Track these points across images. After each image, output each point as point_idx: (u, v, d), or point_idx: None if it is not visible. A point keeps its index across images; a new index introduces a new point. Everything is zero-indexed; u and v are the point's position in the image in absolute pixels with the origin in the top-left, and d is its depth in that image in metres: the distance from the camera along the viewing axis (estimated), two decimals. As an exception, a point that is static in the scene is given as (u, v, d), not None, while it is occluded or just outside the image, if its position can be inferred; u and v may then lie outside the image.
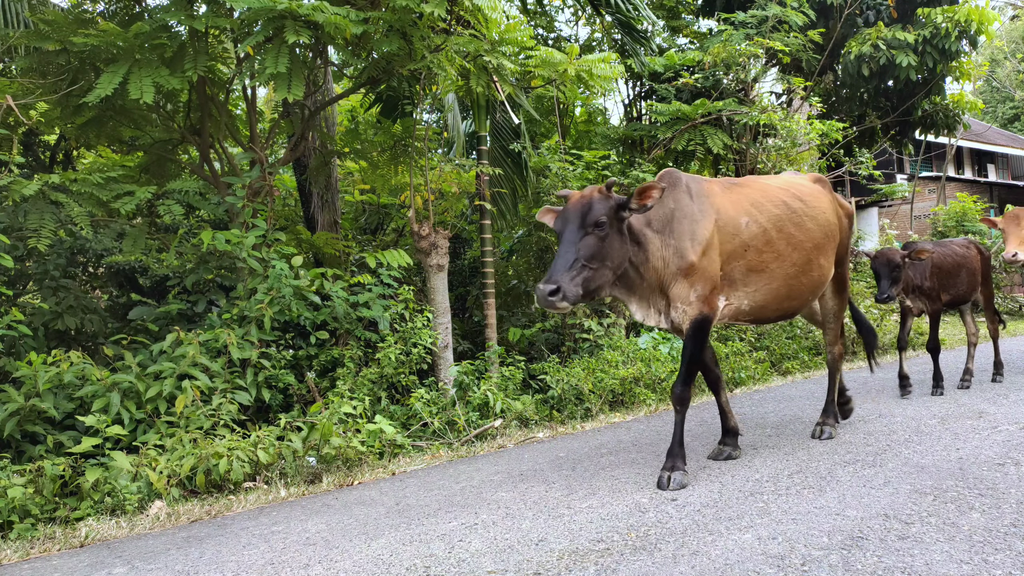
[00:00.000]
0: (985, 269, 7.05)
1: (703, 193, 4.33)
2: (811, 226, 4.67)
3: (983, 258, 7.10)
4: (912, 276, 6.42)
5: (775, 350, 8.87)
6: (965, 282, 6.77)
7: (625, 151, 10.48)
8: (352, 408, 5.63)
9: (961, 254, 6.81)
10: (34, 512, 4.26)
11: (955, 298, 6.80)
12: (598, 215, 3.87)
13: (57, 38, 5.47)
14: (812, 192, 4.90)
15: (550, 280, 3.75)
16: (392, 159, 9.00)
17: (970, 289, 6.85)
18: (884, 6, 11.42)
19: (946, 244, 6.92)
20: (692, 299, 4.17)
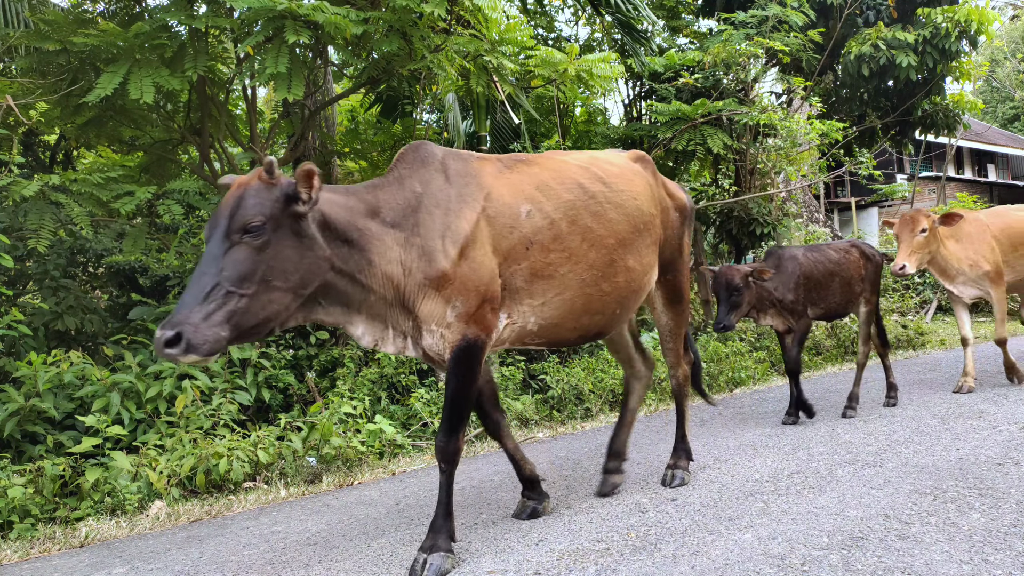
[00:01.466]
0: (871, 276, 6.19)
1: (467, 173, 3.33)
2: (614, 216, 3.66)
3: (869, 264, 6.20)
4: (771, 290, 5.64)
5: (775, 350, 8.87)
6: (839, 292, 5.92)
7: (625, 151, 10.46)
8: (352, 408, 5.63)
9: (836, 260, 5.97)
10: (34, 512, 4.26)
11: (828, 311, 5.98)
12: (250, 215, 2.73)
13: (57, 38, 5.47)
14: (621, 173, 3.85)
15: (168, 323, 2.59)
16: (392, 159, 9.00)
17: (846, 300, 6.01)
18: (884, 6, 11.41)
19: (819, 249, 6.11)
20: (451, 319, 3.12)
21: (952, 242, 6.36)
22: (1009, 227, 6.64)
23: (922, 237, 6.10)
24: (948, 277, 6.46)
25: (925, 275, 13.55)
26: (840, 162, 11.29)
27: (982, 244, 6.40)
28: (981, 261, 6.38)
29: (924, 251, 6.14)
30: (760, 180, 10.26)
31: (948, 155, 18.51)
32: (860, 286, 6.09)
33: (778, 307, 5.71)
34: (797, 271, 5.71)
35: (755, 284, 5.51)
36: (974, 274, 6.39)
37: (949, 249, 6.36)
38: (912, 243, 6.11)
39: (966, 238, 6.40)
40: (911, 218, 6.16)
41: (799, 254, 5.87)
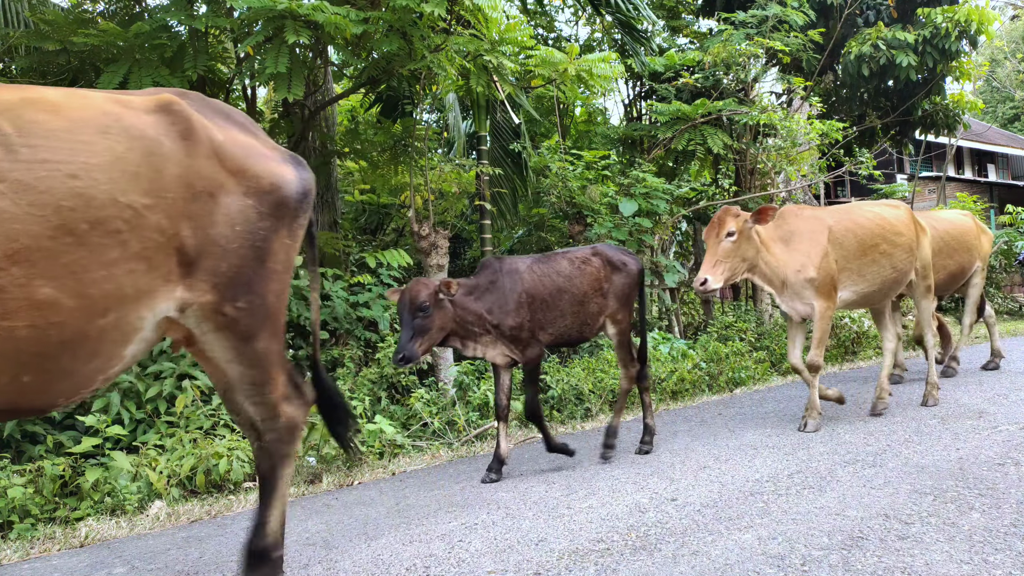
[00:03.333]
0: (620, 290, 4.96)
1: None
2: None
3: (616, 275, 4.96)
4: (482, 312, 4.52)
5: (775, 350, 8.87)
6: (570, 313, 4.74)
7: (625, 151, 10.48)
8: (352, 408, 5.63)
9: (568, 274, 4.78)
10: (34, 512, 4.26)
11: (562, 337, 4.81)
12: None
13: (57, 38, 5.47)
14: None
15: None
16: (392, 159, 9.00)
17: (580, 323, 4.83)
18: (884, 6, 11.41)
19: (550, 259, 4.90)
20: None
21: (779, 245, 5.35)
22: (858, 227, 5.60)
23: (730, 243, 5.07)
24: (776, 288, 5.41)
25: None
26: (840, 162, 11.28)
27: (813, 246, 5.34)
28: (808, 266, 5.29)
29: (735, 259, 5.10)
30: (760, 180, 10.26)
31: (948, 155, 18.50)
32: (600, 303, 4.88)
33: (495, 333, 4.57)
34: (518, 287, 4.60)
35: (449, 303, 4.42)
36: (798, 282, 5.31)
37: (774, 254, 5.31)
38: (717, 250, 5.07)
39: (797, 239, 5.39)
40: (717, 219, 5.15)
41: (522, 266, 4.74)
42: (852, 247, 5.52)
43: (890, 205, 6.14)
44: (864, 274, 5.59)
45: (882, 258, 5.65)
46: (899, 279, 5.83)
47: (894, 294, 5.99)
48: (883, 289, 5.75)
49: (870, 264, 5.60)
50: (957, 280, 7.41)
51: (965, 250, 7.32)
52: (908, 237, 5.84)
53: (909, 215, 6.04)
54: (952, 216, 7.63)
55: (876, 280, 5.66)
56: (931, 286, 6.11)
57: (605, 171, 8.63)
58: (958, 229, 7.35)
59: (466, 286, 4.60)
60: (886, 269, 5.69)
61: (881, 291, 5.76)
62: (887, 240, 5.69)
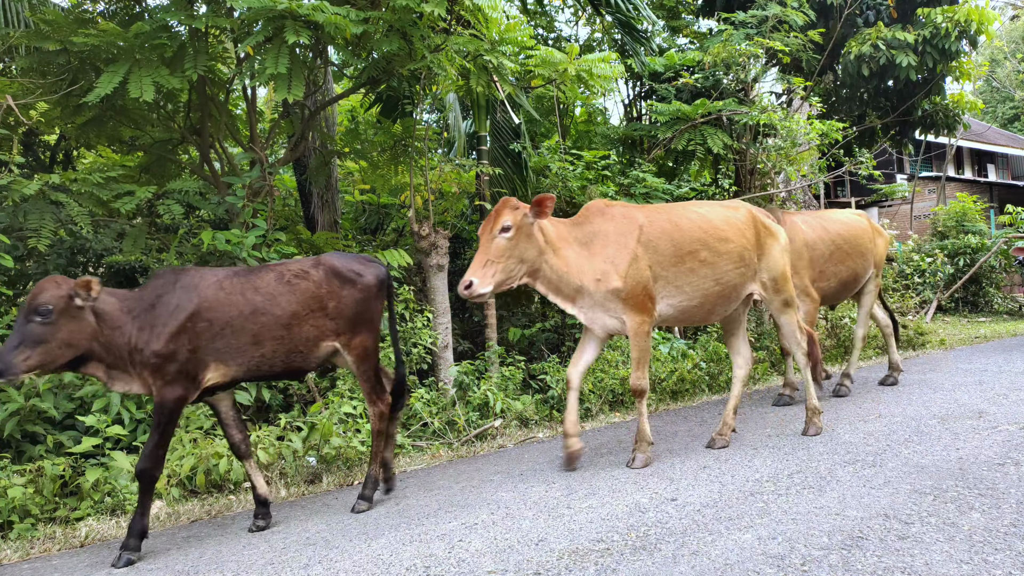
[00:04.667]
0: (351, 308, 4.10)
1: None
2: None
3: (345, 290, 4.12)
4: (130, 333, 3.60)
5: (775, 350, 8.87)
6: (270, 340, 3.86)
7: (625, 151, 10.48)
8: (352, 408, 5.63)
9: (270, 291, 3.92)
10: (34, 512, 4.26)
11: (257, 371, 3.90)
12: None
13: (57, 38, 5.47)
14: None
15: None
16: (392, 159, 8.99)
17: (293, 350, 3.94)
18: (884, 6, 11.40)
19: (253, 273, 4.03)
20: None
21: (574, 248, 4.57)
22: (675, 229, 4.79)
23: (504, 239, 4.32)
24: (566, 298, 4.57)
25: (924, 274, 13.55)
26: (840, 162, 11.29)
27: (619, 251, 4.55)
28: (611, 275, 4.51)
29: (510, 260, 4.35)
30: (760, 180, 10.26)
31: (948, 155, 18.50)
32: (320, 325, 4.01)
33: (137, 359, 3.61)
34: (187, 307, 3.69)
35: (92, 314, 3.51)
36: (601, 293, 4.51)
37: (563, 257, 4.52)
38: (490, 248, 4.32)
39: (600, 242, 4.60)
40: (494, 211, 4.47)
41: (207, 281, 3.84)
42: (667, 252, 4.70)
43: (724, 206, 5.26)
44: (680, 285, 4.75)
45: (702, 268, 4.79)
46: (726, 294, 4.93)
47: (723, 311, 5.07)
48: (705, 305, 4.88)
49: (688, 274, 4.75)
50: (850, 287, 6.87)
51: (858, 255, 6.76)
52: (738, 244, 4.95)
53: (748, 218, 5.17)
54: (844, 217, 7.03)
55: (696, 294, 4.80)
56: (789, 299, 5.24)
57: (605, 171, 8.63)
58: (851, 232, 6.80)
59: (124, 297, 3.68)
60: (706, 281, 4.81)
61: (703, 307, 4.89)
62: (708, 247, 4.83)
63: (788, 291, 5.28)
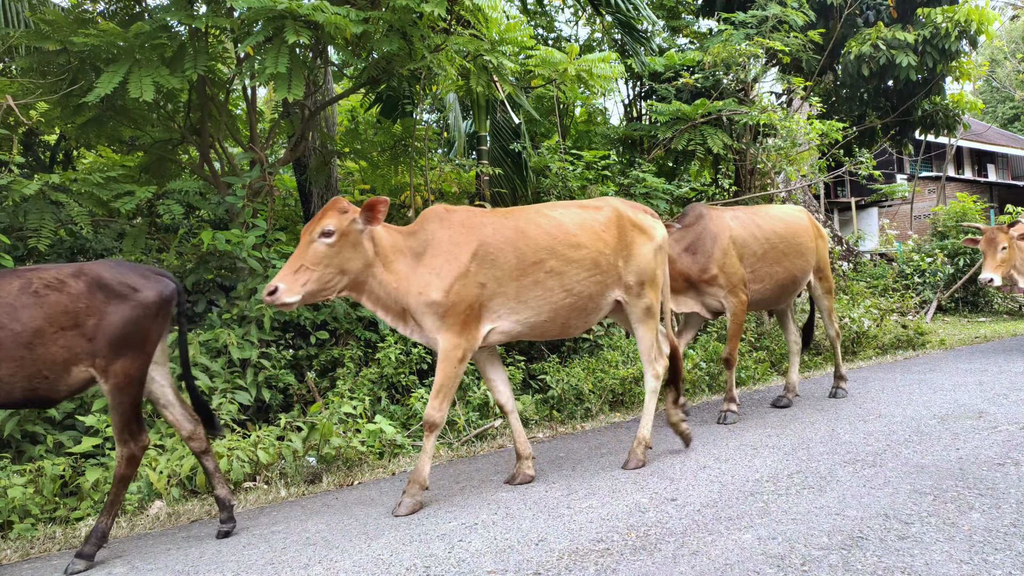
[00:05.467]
0: (121, 328, 3.53)
1: None
2: None
3: (122, 308, 3.56)
4: None
5: (775, 350, 8.87)
6: (7, 359, 3.32)
7: (625, 151, 10.49)
8: (352, 408, 5.63)
9: (9, 302, 3.37)
10: (34, 512, 4.26)
11: None
12: None
13: (57, 38, 5.47)
14: None
15: None
16: (392, 159, 9.00)
17: (33, 375, 3.38)
18: (884, 6, 11.41)
19: None
20: None
21: (407, 260, 4.12)
22: (521, 237, 4.27)
23: (324, 245, 3.88)
24: (396, 317, 4.16)
25: (924, 274, 13.55)
26: (840, 162, 11.29)
27: (449, 263, 4.09)
28: (432, 287, 4.03)
29: (328, 269, 3.90)
30: (760, 180, 10.26)
31: (948, 155, 18.51)
32: (72, 346, 3.45)
33: None
34: None
35: None
36: (419, 307, 4.06)
37: (395, 271, 4.08)
38: (306, 253, 3.89)
39: (433, 251, 4.13)
40: (320, 212, 4.03)
41: None
42: (510, 264, 4.18)
43: (584, 206, 4.70)
44: (526, 300, 4.23)
45: (549, 279, 4.27)
46: (580, 306, 4.43)
47: (581, 324, 4.58)
48: (557, 319, 4.37)
49: (533, 287, 4.23)
50: (788, 291, 6.28)
51: (796, 255, 6.18)
52: (593, 249, 4.43)
53: (611, 218, 4.60)
54: (781, 214, 6.43)
55: (544, 308, 4.29)
56: (652, 307, 4.65)
57: (605, 171, 8.63)
58: (788, 230, 6.18)
59: None
60: (555, 293, 4.29)
61: (555, 322, 4.38)
62: (557, 255, 4.30)
63: (652, 298, 4.66)
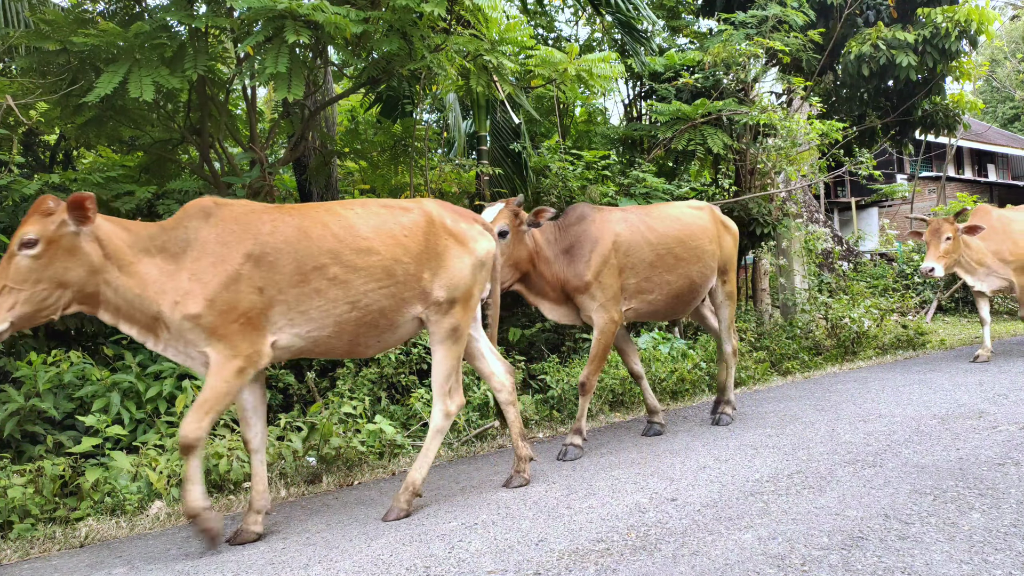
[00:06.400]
0: None
1: None
2: None
3: None
4: None
5: (775, 350, 8.87)
6: None
7: (625, 151, 10.48)
8: (352, 408, 5.63)
9: None
10: (34, 512, 4.26)
11: None
12: None
13: (57, 38, 5.47)
14: None
15: None
16: (392, 159, 9.00)
17: None
18: (884, 6, 11.41)
19: None
20: None
21: (155, 261, 3.52)
22: (303, 237, 3.71)
23: (28, 258, 3.26)
24: (144, 329, 3.57)
25: (925, 275, 13.51)
26: (840, 162, 11.29)
27: (216, 266, 3.53)
28: (191, 297, 3.48)
29: (40, 285, 3.29)
30: (760, 180, 10.26)
31: (948, 155, 18.50)
32: None
33: None
34: None
35: None
36: (176, 321, 3.49)
37: (137, 274, 3.47)
38: (8, 271, 3.26)
39: (193, 252, 3.56)
40: (25, 217, 3.34)
41: None
42: (288, 270, 3.64)
43: (386, 205, 4.12)
44: (306, 310, 3.69)
45: (332, 288, 3.72)
46: (370, 321, 3.88)
47: (374, 342, 4.01)
48: (343, 335, 3.83)
49: (313, 296, 3.69)
50: (686, 300, 5.62)
51: (694, 259, 5.50)
52: (387, 257, 3.87)
53: (418, 222, 4.03)
54: (678, 213, 5.68)
55: (327, 321, 3.74)
56: (457, 328, 4.10)
57: (605, 171, 8.63)
58: (685, 231, 5.50)
59: None
60: (339, 305, 3.75)
61: (341, 338, 3.84)
62: (342, 261, 3.76)
63: (460, 318, 4.10)
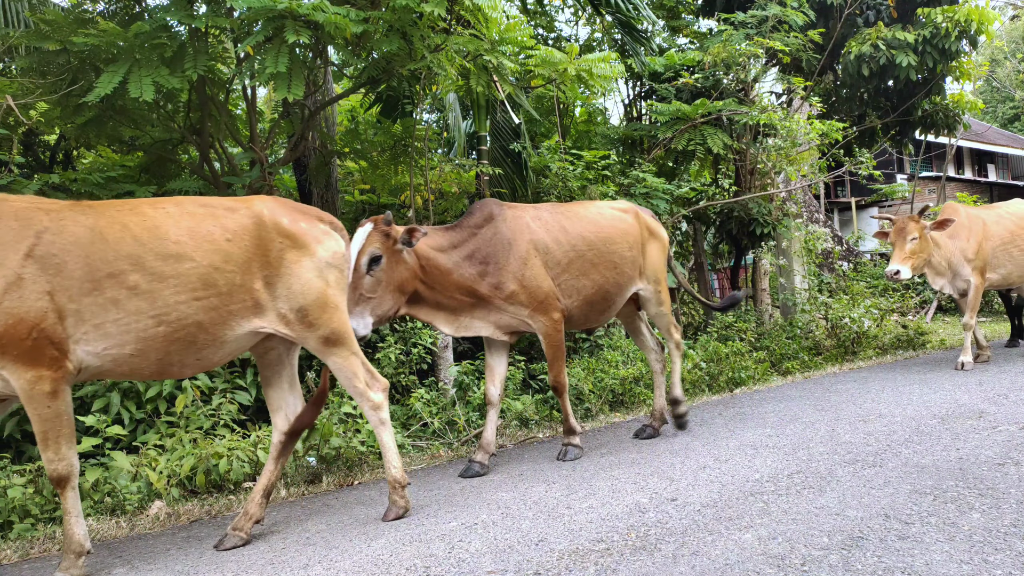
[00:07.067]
0: None
1: None
2: None
3: None
4: None
5: (775, 350, 8.87)
6: None
7: (625, 151, 10.48)
8: (352, 408, 5.63)
9: None
10: (34, 512, 4.26)
11: None
12: None
13: (57, 38, 5.47)
14: None
15: None
16: (392, 159, 9.00)
17: None
18: (884, 6, 11.40)
19: None
20: None
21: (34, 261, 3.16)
22: (98, 238, 3.29)
23: None
24: None
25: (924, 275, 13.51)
26: (840, 162, 11.28)
27: None
28: None
29: None
30: (760, 180, 10.26)
31: (948, 155, 18.49)
32: None
33: None
34: None
35: None
36: None
37: None
38: None
39: None
40: None
41: None
42: (78, 274, 3.21)
43: (206, 205, 3.61)
44: (101, 324, 3.25)
45: (133, 299, 3.28)
46: (185, 337, 3.41)
47: (189, 362, 3.53)
48: (149, 353, 3.37)
49: (110, 308, 3.25)
50: (600, 308, 5.18)
51: (609, 265, 5.10)
52: (204, 263, 3.44)
53: (249, 224, 3.59)
54: (596, 214, 5.26)
55: (127, 338, 3.31)
56: (336, 335, 3.77)
57: (605, 171, 8.63)
58: (602, 233, 5.12)
59: None
60: (141, 319, 3.31)
61: (147, 357, 3.38)
62: (144, 267, 3.32)
63: (329, 323, 3.73)
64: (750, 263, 11.70)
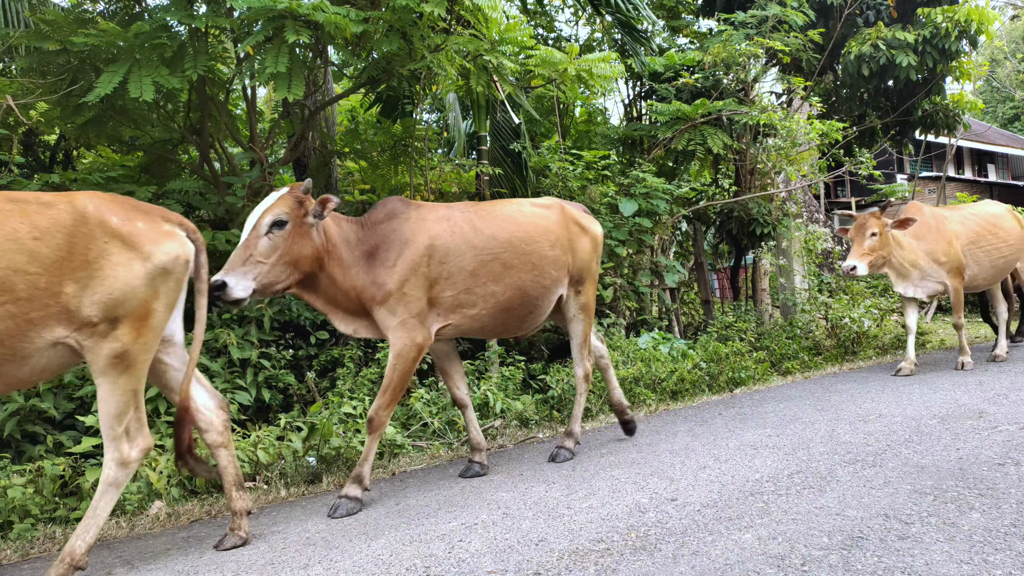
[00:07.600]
0: None
1: None
2: None
3: None
4: None
5: (775, 350, 8.87)
6: None
7: (625, 151, 10.49)
8: (352, 408, 5.63)
9: None
10: (34, 512, 4.26)
11: None
12: None
13: (57, 38, 5.47)
14: None
15: None
16: (392, 159, 9.01)
17: None
18: (884, 6, 11.41)
19: None
20: None
21: None
22: None
23: None
24: None
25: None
26: (840, 162, 11.29)
27: None
28: None
29: None
30: (760, 180, 10.26)
31: (948, 155, 18.49)
32: None
33: None
34: None
35: None
36: None
37: None
38: None
39: None
40: None
41: None
42: None
43: (15, 200, 3.12)
44: None
45: None
46: None
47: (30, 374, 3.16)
48: None
49: None
50: (518, 316, 4.71)
51: (529, 267, 4.62)
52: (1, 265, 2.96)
53: (62, 221, 3.11)
54: (516, 211, 4.79)
55: None
56: (126, 354, 3.19)
57: (605, 171, 8.63)
58: (519, 232, 4.62)
59: None
60: None
61: None
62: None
63: (135, 340, 3.22)
64: (750, 263, 11.71)
